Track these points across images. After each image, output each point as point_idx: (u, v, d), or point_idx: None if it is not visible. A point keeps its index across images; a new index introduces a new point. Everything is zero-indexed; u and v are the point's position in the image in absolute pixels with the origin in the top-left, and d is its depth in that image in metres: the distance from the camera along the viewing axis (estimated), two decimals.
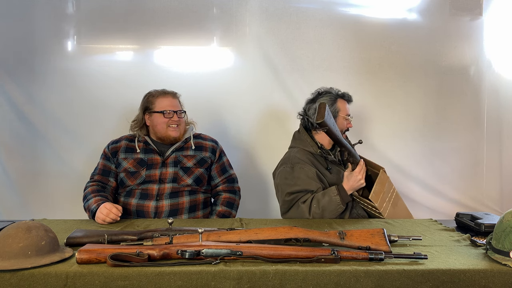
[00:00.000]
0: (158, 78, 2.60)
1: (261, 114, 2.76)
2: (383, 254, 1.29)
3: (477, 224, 1.74)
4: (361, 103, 2.70)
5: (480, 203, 2.83)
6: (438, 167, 2.82)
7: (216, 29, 2.72)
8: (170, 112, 2.08)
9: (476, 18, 2.78)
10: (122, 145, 2.13)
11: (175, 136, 2.10)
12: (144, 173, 2.05)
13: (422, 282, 1.23)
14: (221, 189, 2.19)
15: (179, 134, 2.11)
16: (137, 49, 2.74)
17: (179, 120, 2.11)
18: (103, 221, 1.80)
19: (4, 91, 2.63)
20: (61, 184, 2.67)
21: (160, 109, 2.08)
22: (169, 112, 2.08)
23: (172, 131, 2.09)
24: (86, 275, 1.19)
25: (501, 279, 1.24)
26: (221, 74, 2.72)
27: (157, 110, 2.09)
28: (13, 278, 1.18)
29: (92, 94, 2.66)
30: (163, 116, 2.08)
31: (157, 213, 2.00)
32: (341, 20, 2.74)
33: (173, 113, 2.08)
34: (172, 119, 2.08)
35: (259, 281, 1.21)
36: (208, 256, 1.27)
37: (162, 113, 2.08)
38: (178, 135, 2.11)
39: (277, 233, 1.40)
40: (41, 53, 2.65)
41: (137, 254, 1.25)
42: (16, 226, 1.30)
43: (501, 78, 2.81)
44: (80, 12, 2.68)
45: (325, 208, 1.91)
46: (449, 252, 1.40)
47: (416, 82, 2.79)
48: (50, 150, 2.68)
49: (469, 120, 2.82)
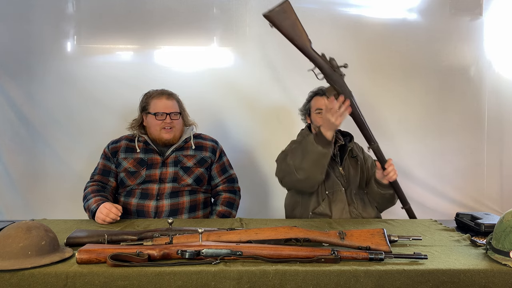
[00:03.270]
0: (158, 78, 2.60)
1: (261, 114, 2.76)
2: (383, 254, 1.29)
3: (477, 224, 1.74)
4: (361, 103, 2.67)
5: (480, 203, 2.83)
6: (438, 167, 2.82)
7: (216, 29, 2.72)
8: (163, 114, 2.06)
9: (476, 18, 2.78)
10: (122, 145, 2.13)
11: (168, 139, 2.08)
12: (144, 173, 2.04)
13: (422, 282, 1.23)
14: (221, 189, 2.18)
15: (172, 137, 2.08)
16: (137, 49, 2.74)
17: (172, 122, 2.08)
18: (103, 221, 1.80)
19: (4, 91, 2.63)
20: (61, 184, 2.67)
21: (154, 111, 2.07)
22: (161, 114, 2.06)
23: (165, 133, 2.07)
24: (86, 275, 1.19)
25: (501, 279, 1.24)
26: (221, 74, 2.72)
27: (151, 112, 2.08)
28: (13, 278, 1.18)
29: (92, 94, 2.66)
30: (155, 118, 2.07)
31: (157, 212, 2.00)
32: (341, 20, 2.74)
33: (165, 115, 2.06)
34: (164, 121, 2.06)
35: (259, 281, 1.21)
36: (208, 256, 1.27)
37: (154, 115, 2.07)
38: (171, 137, 2.08)
39: (277, 233, 1.40)
40: (41, 53, 2.65)
41: (137, 254, 1.25)
42: (16, 226, 1.30)
43: (501, 78, 2.81)
44: (80, 12, 2.68)
45: (303, 150, 1.90)
46: (449, 252, 1.40)
47: (416, 82, 2.79)
48: (50, 150, 2.68)
49: (469, 120, 2.82)
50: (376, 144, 1.94)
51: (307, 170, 1.90)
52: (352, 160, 2.16)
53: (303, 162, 1.89)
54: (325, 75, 1.81)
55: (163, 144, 2.10)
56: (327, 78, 1.81)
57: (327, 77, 1.81)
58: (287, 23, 1.75)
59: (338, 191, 2.06)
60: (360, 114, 1.90)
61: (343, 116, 1.80)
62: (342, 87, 1.82)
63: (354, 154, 2.16)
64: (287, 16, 1.75)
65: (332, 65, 1.81)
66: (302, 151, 1.90)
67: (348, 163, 2.15)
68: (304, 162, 1.89)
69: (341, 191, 2.06)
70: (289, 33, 1.77)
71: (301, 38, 1.78)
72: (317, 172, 1.92)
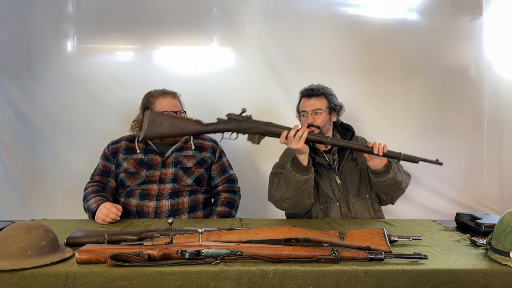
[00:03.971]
0: (158, 78, 2.60)
1: (261, 114, 2.71)
2: (383, 254, 1.29)
3: (477, 224, 1.74)
4: (361, 103, 2.70)
5: (480, 203, 2.82)
6: (438, 167, 2.80)
7: (216, 29, 2.72)
8: (170, 112, 2.08)
9: (476, 18, 2.78)
10: (122, 146, 2.13)
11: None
12: (144, 173, 2.04)
13: (422, 282, 1.23)
14: (221, 189, 2.19)
15: None
16: (137, 49, 2.73)
17: None
18: (103, 221, 1.81)
19: (4, 91, 2.63)
20: (61, 184, 2.67)
21: (160, 110, 2.08)
22: (168, 113, 2.08)
23: None
24: (86, 275, 1.19)
25: (501, 279, 1.24)
26: (221, 74, 2.72)
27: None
28: (13, 278, 1.18)
29: (92, 94, 2.66)
30: None
31: (157, 213, 2.00)
32: (341, 20, 2.74)
33: (172, 114, 2.08)
34: None
35: (259, 281, 1.21)
36: (208, 256, 1.27)
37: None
38: None
39: (277, 233, 1.40)
40: (41, 53, 2.65)
41: (137, 254, 1.25)
42: (16, 226, 1.30)
43: (501, 78, 2.81)
44: (80, 12, 2.68)
45: (285, 179, 1.86)
46: (449, 252, 1.40)
47: (416, 82, 2.79)
48: (50, 150, 2.68)
49: (469, 120, 2.82)
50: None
51: (292, 199, 1.87)
52: (351, 164, 2.06)
53: (287, 192, 1.86)
54: (235, 132, 1.78)
55: (168, 143, 2.11)
56: (240, 132, 1.78)
57: (239, 132, 1.78)
58: (165, 127, 1.73)
59: (332, 206, 2.00)
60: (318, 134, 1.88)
61: (302, 139, 1.75)
62: (257, 127, 1.77)
63: (354, 156, 2.06)
64: (160, 121, 1.72)
65: (234, 119, 1.77)
66: (284, 181, 1.87)
67: (346, 169, 2.05)
68: (288, 192, 1.86)
69: (335, 206, 2.00)
70: (174, 133, 1.76)
71: (187, 126, 1.76)
72: (303, 198, 1.87)
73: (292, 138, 1.76)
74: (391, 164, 1.89)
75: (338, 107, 2.10)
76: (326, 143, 1.81)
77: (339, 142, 1.87)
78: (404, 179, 1.97)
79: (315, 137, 1.82)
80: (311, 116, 2.02)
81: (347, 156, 2.05)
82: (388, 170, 1.87)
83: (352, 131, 2.16)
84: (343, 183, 2.03)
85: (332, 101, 2.07)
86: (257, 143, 1.79)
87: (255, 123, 1.78)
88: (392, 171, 1.87)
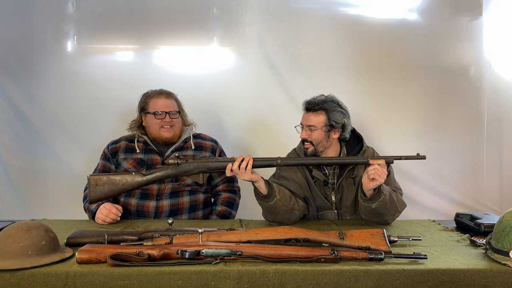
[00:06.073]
0: (158, 78, 2.60)
1: (261, 114, 2.75)
2: (383, 254, 1.29)
3: (476, 224, 1.74)
4: (361, 103, 2.70)
5: (480, 203, 2.82)
6: (438, 167, 2.81)
7: (216, 29, 2.72)
8: (162, 113, 2.06)
9: (476, 18, 2.78)
10: (122, 146, 2.13)
11: (168, 137, 2.08)
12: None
13: (422, 282, 1.23)
14: (221, 189, 2.19)
15: (172, 135, 2.09)
16: (137, 49, 2.73)
17: (172, 121, 2.08)
18: (103, 221, 1.81)
19: (4, 91, 2.63)
20: (61, 184, 2.67)
21: (153, 110, 2.07)
22: (160, 113, 2.06)
23: (164, 131, 2.07)
24: (86, 275, 1.19)
25: (500, 279, 1.24)
26: (221, 74, 2.72)
27: (150, 111, 2.09)
28: (13, 278, 1.18)
29: (92, 94, 2.66)
30: (155, 117, 2.07)
31: (157, 213, 2.01)
32: (341, 20, 2.74)
33: (165, 114, 2.06)
34: (164, 120, 2.06)
35: (259, 281, 1.21)
36: (208, 256, 1.27)
37: (154, 114, 2.07)
38: (171, 135, 2.08)
39: (277, 233, 1.40)
40: (41, 53, 2.65)
41: (137, 254, 1.25)
42: (16, 226, 1.30)
43: (501, 78, 2.80)
44: (80, 12, 2.68)
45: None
46: (449, 252, 1.41)
47: (416, 82, 2.79)
48: (50, 150, 2.68)
49: (469, 120, 2.82)
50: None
51: (275, 219, 1.83)
52: (349, 181, 1.90)
53: (268, 215, 1.84)
54: (178, 176, 1.82)
55: (163, 144, 2.10)
56: (182, 176, 1.81)
57: (180, 176, 1.81)
58: (106, 188, 1.75)
59: (329, 213, 1.95)
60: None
61: (248, 170, 1.72)
62: (197, 166, 1.77)
63: (353, 174, 1.89)
64: (101, 183, 1.75)
65: (172, 164, 1.77)
66: (260, 205, 1.83)
67: (344, 186, 1.90)
68: (268, 215, 1.84)
69: (332, 214, 1.94)
70: (115, 192, 1.78)
71: (127, 182, 1.77)
72: (284, 217, 1.80)
73: (237, 170, 1.72)
74: (381, 194, 1.70)
75: (340, 125, 1.89)
76: (276, 165, 1.77)
77: (291, 161, 1.80)
78: (392, 212, 1.77)
79: (263, 162, 1.77)
80: (305, 131, 1.91)
81: (346, 173, 1.90)
82: (374, 199, 1.71)
83: (362, 143, 1.97)
84: (338, 200, 1.93)
85: (333, 118, 1.87)
86: (203, 182, 1.79)
87: (194, 163, 1.77)
88: (380, 201, 1.70)
